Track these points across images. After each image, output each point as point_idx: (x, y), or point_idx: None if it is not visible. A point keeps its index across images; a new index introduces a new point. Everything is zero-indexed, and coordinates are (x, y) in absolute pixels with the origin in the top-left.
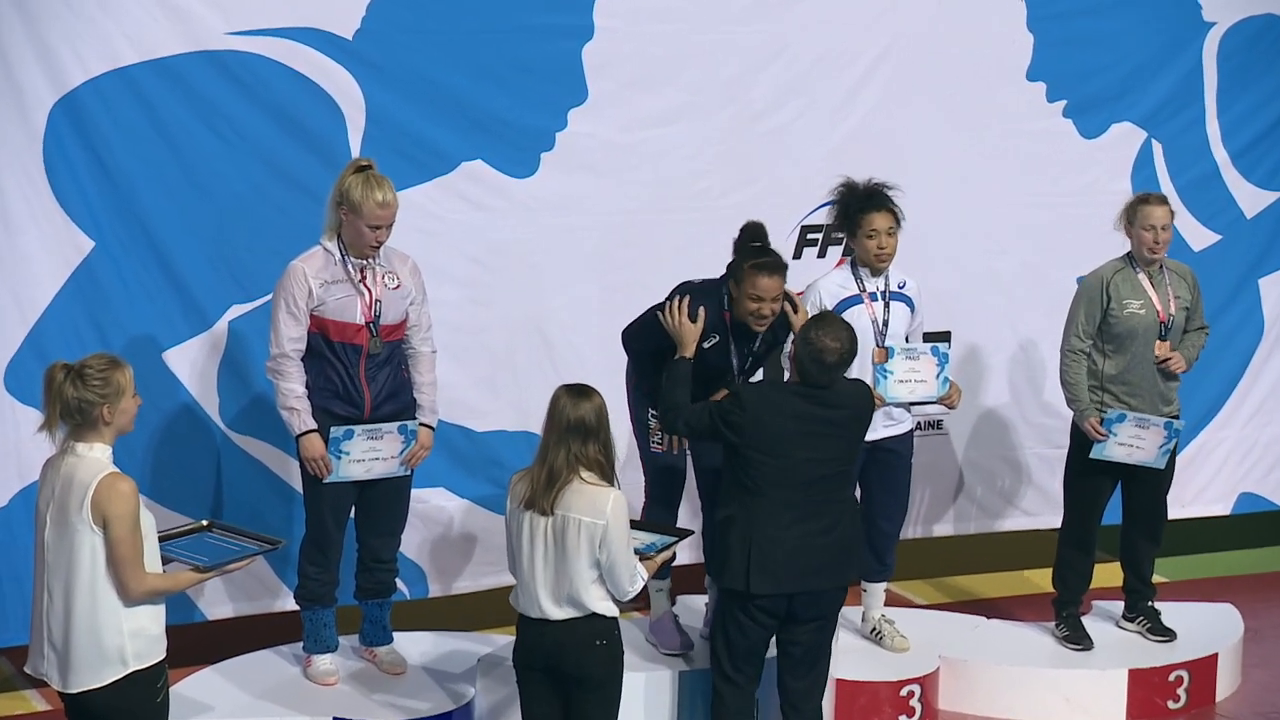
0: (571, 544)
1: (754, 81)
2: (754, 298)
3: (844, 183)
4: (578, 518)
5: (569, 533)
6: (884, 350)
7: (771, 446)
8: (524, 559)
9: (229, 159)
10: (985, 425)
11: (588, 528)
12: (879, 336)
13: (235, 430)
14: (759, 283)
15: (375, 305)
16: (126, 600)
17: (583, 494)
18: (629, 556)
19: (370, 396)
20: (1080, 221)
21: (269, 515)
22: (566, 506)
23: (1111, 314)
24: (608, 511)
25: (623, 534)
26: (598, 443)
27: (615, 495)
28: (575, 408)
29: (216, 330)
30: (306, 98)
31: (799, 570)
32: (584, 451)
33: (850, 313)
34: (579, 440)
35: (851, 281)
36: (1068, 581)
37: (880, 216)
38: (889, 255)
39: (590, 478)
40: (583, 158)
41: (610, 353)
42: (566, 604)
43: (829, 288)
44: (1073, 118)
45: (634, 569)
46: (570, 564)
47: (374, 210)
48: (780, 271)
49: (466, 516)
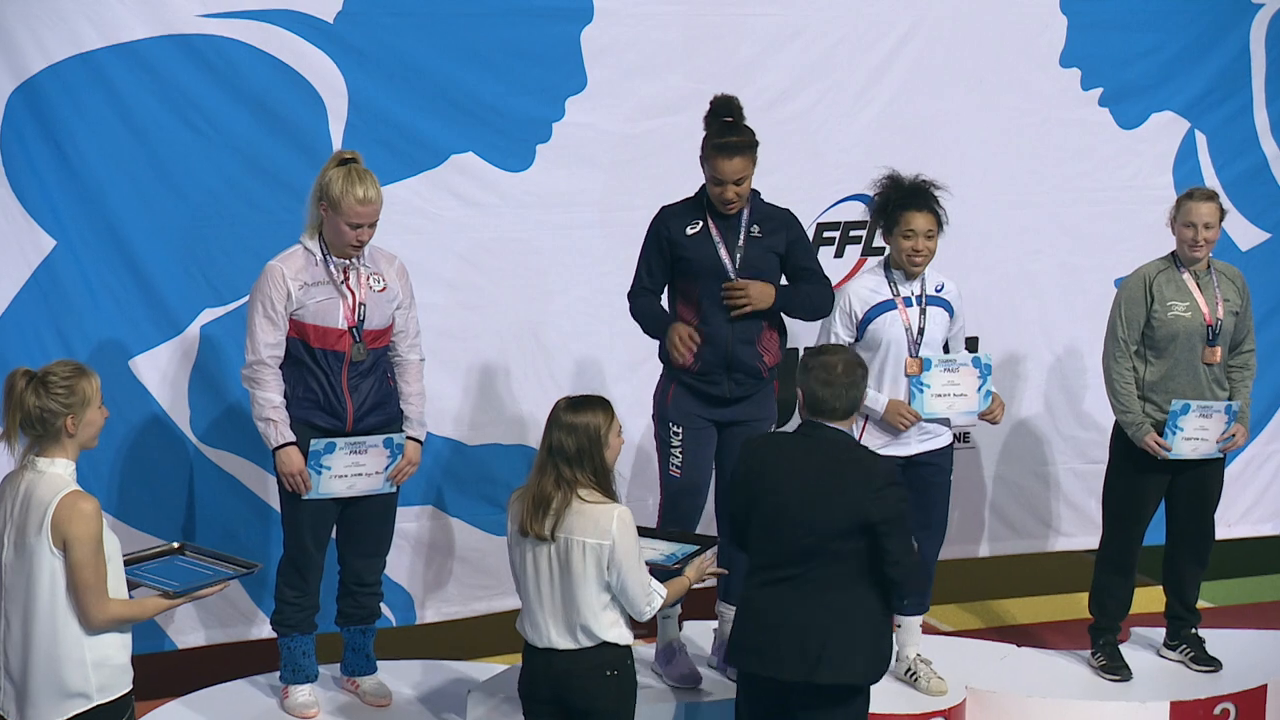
0: (577, 569)
1: (767, 67)
2: (715, 180)
3: (888, 174)
4: (581, 540)
5: (573, 557)
6: (919, 361)
7: None
8: (529, 587)
9: (201, 151)
10: (1017, 439)
11: (593, 550)
12: (913, 346)
13: (208, 444)
14: (719, 165)
15: (359, 309)
16: (89, 629)
17: (584, 514)
18: (641, 574)
19: (353, 407)
20: (1119, 219)
21: (244, 535)
22: (568, 529)
23: (1154, 316)
24: (613, 530)
25: (631, 552)
26: (585, 468)
27: (619, 511)
28: (562, 428)
29: (187, 336)
30: (284, 85)
31: None
32: (572, 475)
33: (882, 320)
34: (565, 464)
35: (884, 285)
36: (1105, 606)
37: (921, 217)
38: (923, 260)
39: (590, 496)
40: (581, 150)
41: (613, 361)
42: (578, 634)
43: (859, 292)
44: (1110, 107)
45: (649, 587)
46: (578, 591)
47: (354, 207)
48: (744, 152)
49: (457, 537)
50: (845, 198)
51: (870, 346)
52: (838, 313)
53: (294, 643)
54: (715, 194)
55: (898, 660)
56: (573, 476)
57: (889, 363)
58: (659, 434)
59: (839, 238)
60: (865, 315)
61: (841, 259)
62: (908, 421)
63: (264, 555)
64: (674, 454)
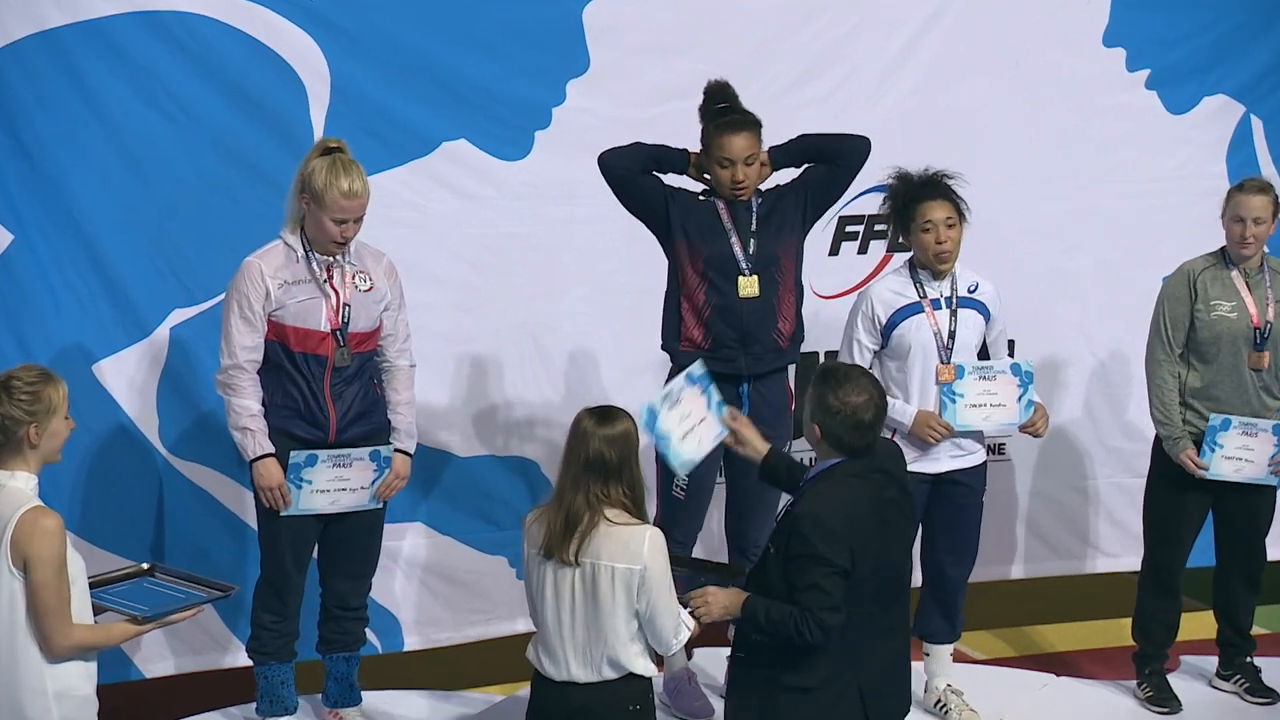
0: (605, 596)
1: (783, 50)
2: (724, 162)
3: (896, 173)
4: (610, 565)
5: (601, 583)
6: (951, 368)
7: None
8: (548, 615)
9: (172, 139)
10: (1055, 450)
11: (623, 575)
12: (944, 351)
13: (178, 455)
14: (725, 143)
15: (343, 310)
16: (51, 656)
17: (612, 537)
18: (672, 603)
19: (336, 417)
20: (1168, 212)
21: (218, 555)
22: (595, 553)
23: (1198, 316)
24: (644, 553)
25: (664, 577)
26: (621, 482)
27: (651, 533)
28: (595, 440)
29: (156, 338)
30: (262, 68)
31: None
32: (605, 492)
33: (909, 324)
34: (599, 480)
35: (909, 287)
36: (1151, 633)
37: (937, 206)
38: (949, 252)
39: (617, 516)
40: (584, 137)
41: (618, 366)
42: (602, 666)
43: (882, 295)
44: (1157, 90)
45: (679, 617)
46: (605, 620)
47: (339, 201)
48: (749, 128)
49: (448, 557)
50: (868, 189)
51: (896, 354)
52: (860, 318)
53: (272, 671)
54: (725, 178)
55: (926, 691)
56: (605, 494)
57: (916, 371)
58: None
59: (863, 232)
60: (890, 320)
61: (866, 255)
62: (938, 435)
63: (240, 577)
64: (679, 475)
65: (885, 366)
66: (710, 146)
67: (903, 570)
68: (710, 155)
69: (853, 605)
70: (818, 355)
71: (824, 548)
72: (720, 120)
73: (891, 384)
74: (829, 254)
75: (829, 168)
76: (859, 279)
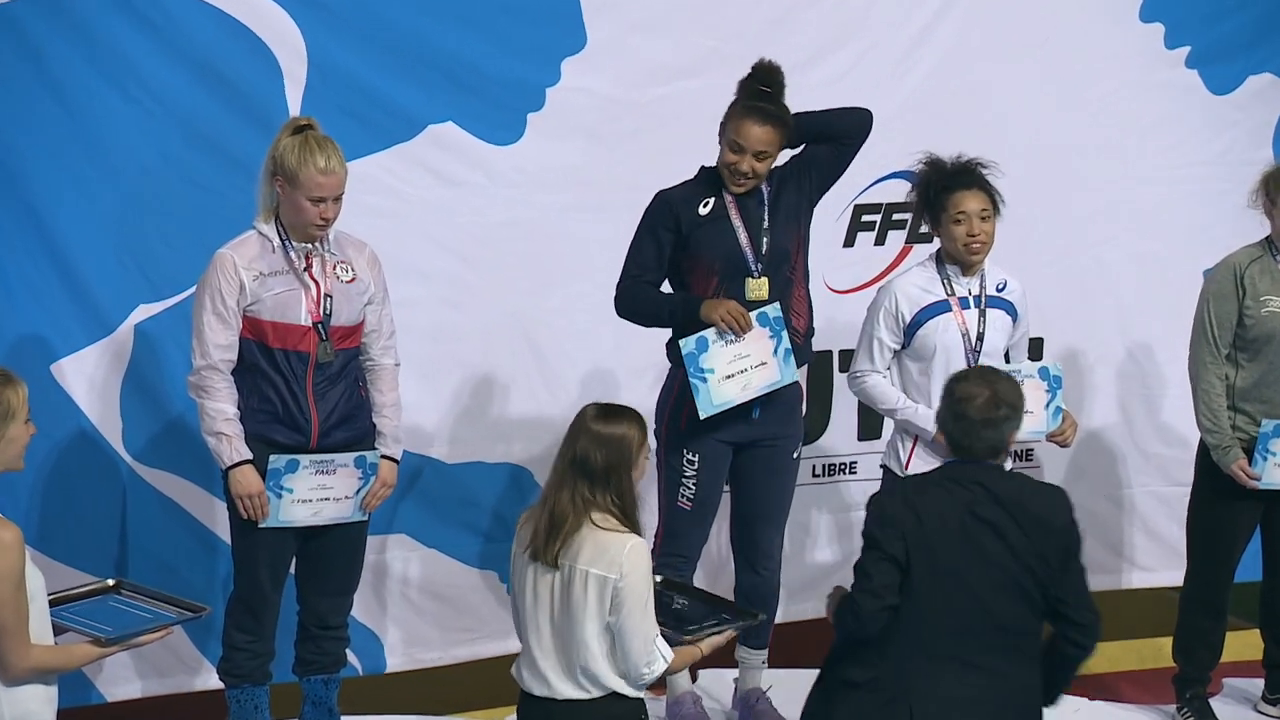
0: (578, 602)
1: (796, 24)
2: (734, 146)
3: (926, 159)
4: (585, 569)
5: (574, 587)
6: None
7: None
8: (527, 620)
9: (136, 122)
10: (1087, 456)
11: (596, 581)
12: (971, 354)
13: (144, 463)
14: (744, 128)
15: (325, 302)
16: (7, 679)
17: (593, 540)
18: (646, 624)
19: (319, 419)
20: (1209, 200)
21: (187, 571)
22: (574, 556)
23: (1247, 313)
24: (622, 561)
25: (639, 592)
26: (609, 489)
27: (634, 544)
28: (584, 438)
29: (119, 336)
30: (233, 45)
31: None
32: (590, 497)
33: (934, 324)
34: (585, 482)
35: (936, 283)
36: (1194, 654)
37: (971, 196)
38: (983, 245)
39: (604, 521)
40: (580, 119)
41: (618, 366)
42: (579, 678)
43: (907, 290)
44: (1199, 68)
45: (652, 642)
46: (577, 628)
47: (315, 178)
48: (775, 124)
49: (434, 571)
50: (886, 175)
51: (920, 355)
52: (881, 314)
53: (245, 695)
54: (729, 163)
55: None
56: (591, 497)
57: (939, 374)
58: (667, 457)
59: (880, 221)
60: (914, 318)
61: (883, 246)
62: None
63: (211, 594)
64: (686, 484)
65: (905, 368)
66: (729, 122)
67: (996, 608)
68: (725, 132)
69: (910, 613)
70: (830, 354)
71: (877, 530)
72: (750, 103)
73: (911, 388)
74: (843, 245)
75: (831, 147)
76: (876, 272)
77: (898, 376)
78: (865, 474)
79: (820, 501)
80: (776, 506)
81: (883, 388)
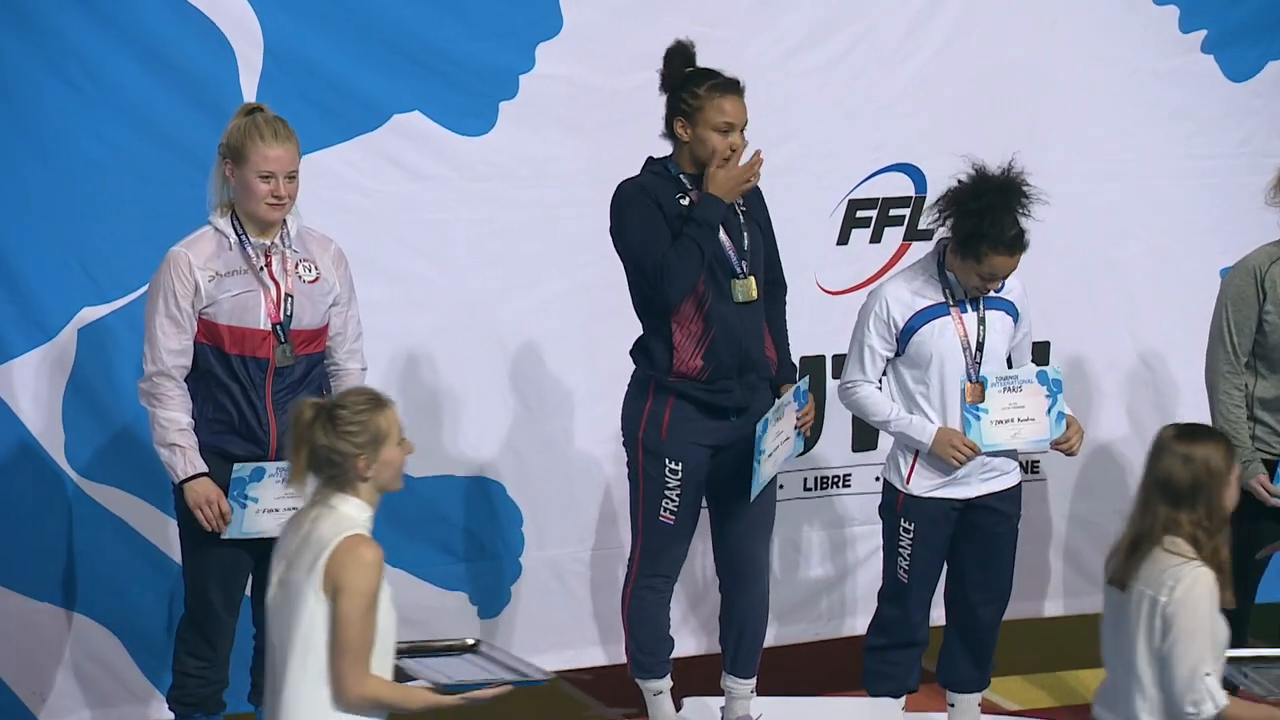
0: (1132, 624)
1: (787, 5)
2: (724, 128)
3: (975, 173)
4: (1143, 589)
5: (1131, 609)
6: (979, 386)
7: None
8: (1104, 648)
9: (79, 111)
10: (1096, 468)
11: (1148, 603)
12: (972, 365)
13: (89, 478)
14: (727, 105)
15: (285, 302)
16: (340, 703)
17: (1157, 563)
18: (1194, 657)
19: (278, 429)
20: (1227, 193)
21: (137, 593)
22: (1143, 579)
23: (1267, 317)
24: (1180, 588)
25: (1197, 622)
26: (1194, 509)
27: (1201, 572)
28: (1170, 459)
29: (61, 341)
30: (183, 28)
31: None
32: (1175, 518)
33: (930, 329)
34: (1167, 504)
35: (932, 285)
36: None
37: (1010, 262)
38: (991, 289)
39: (1174, 545)
40: (556, 108)
41: (595, 372)
42: (1136, 707)
43: (898, 294)
44: (1216, 53)
45: (1197, 674)
46: (1126, 653)
47: (262, 151)
48: (743, 91)
49: (399, 593)
50: (884, 168)
51: (915, 363)
52: (872, 320)
53: None
54: (723, 146)
55: None
56: (1174, 520)
57: (936, 382)
58: (645, 467)
59: (876, 218)
60: (908, 324)
61: (879, 244)
62: (962, 456)
63: (161, 616)
64: (668, 496)
65: (900, 376)
66: (703, 111)
67: None
68: (700, 122)
69: None
70: (823, 359)
71: None
72: (712, 81)
73: (906, 398)
74: (836, 243)
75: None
76: (872, 271)
77: (893, 386)
78: (860, 487)
79: (812, 516)
80: (760, 516)
81: (875, 398)
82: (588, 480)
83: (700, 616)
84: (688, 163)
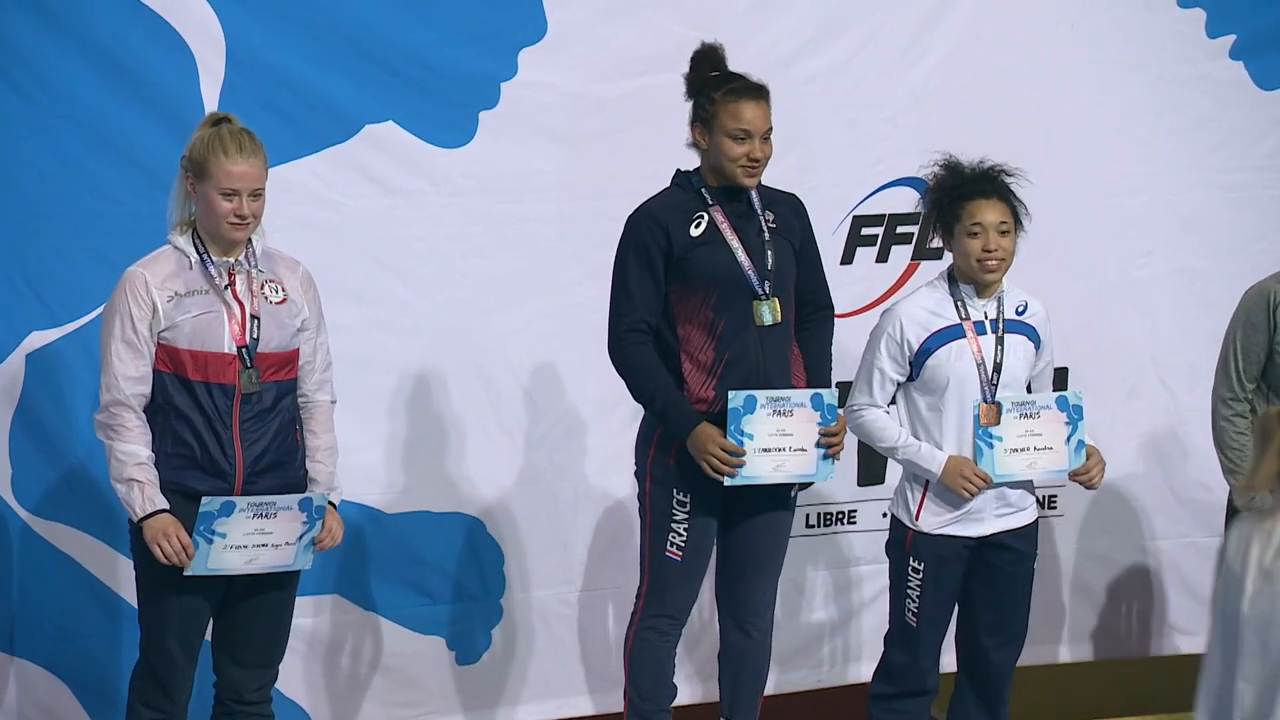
0: None
1: (785, 8)
2: (739, 135)
3: (943, 160)
4: None
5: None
6: (995, 407)
7: None
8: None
9: (28, 122)
10: (1114, 503)
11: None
12: (988, 387)
13: (39, 515)
14: (743, 112)
15: (251, 324)
16: None
17: None
18: None
19: (244, 463)
20: (1256, 208)
21: (87, 637)
22: None
23: (1277, 346)
24: None
25: None
26: None
27: None
28: None
29: (9, 368)
30: (141, 33)
31: None
32: None
33: (945, 351)
34: None
35: (947, 305)
36: None
37: (988, 206)
38: (1000, 262)
39: None
40: (539, 118)
41: (581, 401)
42: None
43: (914, 314)
44: (1244, 60)
45: None
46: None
47: (223, 165)
48: (765, 97)
49: (373, 637)
50: (890, 182)
51: (930, 388)
52: (884, 340)
53: None
54: (740, 154)
55: None
56: None
57: (953, 409)
58: (652, 498)
59: (882, 235)
60: (923, 346)
61: (886, 264)
62: (973, 487)
63: (115, 663)
64: (676, 531)
65: (913, 403)
66: (718, 117)
67: None
68: (716, 129)
69: None
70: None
71: None
72: (731, 86)
73: (919, 425)
74: (841, 262)
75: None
76: (879, 292)
77: (905, 413)
78: (866, 524)
79: (816, 555)
80: (769, 551)
81: (882, 423)
82: (575, 517)
83: (697, 660)
84: (710, 174)
